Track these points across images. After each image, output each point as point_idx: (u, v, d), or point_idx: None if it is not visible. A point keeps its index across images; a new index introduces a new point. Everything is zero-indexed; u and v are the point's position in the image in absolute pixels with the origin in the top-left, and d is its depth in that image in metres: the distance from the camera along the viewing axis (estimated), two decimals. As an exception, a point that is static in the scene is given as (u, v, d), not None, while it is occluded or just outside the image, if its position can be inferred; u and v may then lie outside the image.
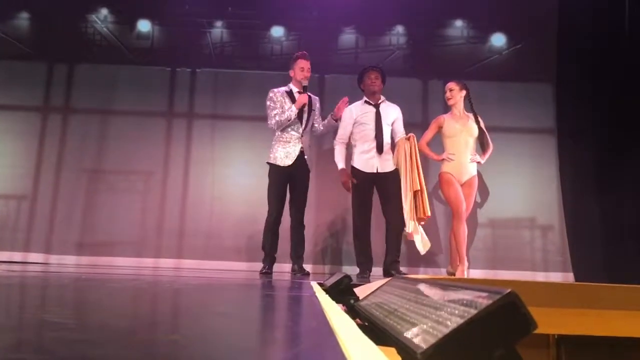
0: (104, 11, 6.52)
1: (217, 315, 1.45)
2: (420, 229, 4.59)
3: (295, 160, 4.65)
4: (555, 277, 5.81)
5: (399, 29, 6.54)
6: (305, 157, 4.74)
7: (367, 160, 4.70)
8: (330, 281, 2.48)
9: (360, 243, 4.67)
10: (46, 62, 6.41)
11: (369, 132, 4.73)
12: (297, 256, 4.67)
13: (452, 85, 4.91)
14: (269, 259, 4.61)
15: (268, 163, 4.72)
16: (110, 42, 6.51)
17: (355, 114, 4.80)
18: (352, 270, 5.24)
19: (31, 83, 6.33)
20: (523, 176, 6.14)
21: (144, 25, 6.52)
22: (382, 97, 4.86)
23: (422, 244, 4.58)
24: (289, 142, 4.68)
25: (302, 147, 4.69)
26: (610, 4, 5.84)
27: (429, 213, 4.51)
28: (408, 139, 4.62)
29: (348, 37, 6.57)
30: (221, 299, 2.11)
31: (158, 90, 6.39)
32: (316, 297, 1.91)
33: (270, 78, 6.22)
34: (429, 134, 4.98)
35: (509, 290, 0.78)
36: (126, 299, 1.90)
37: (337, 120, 4.83)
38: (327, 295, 1.98)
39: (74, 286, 2.47)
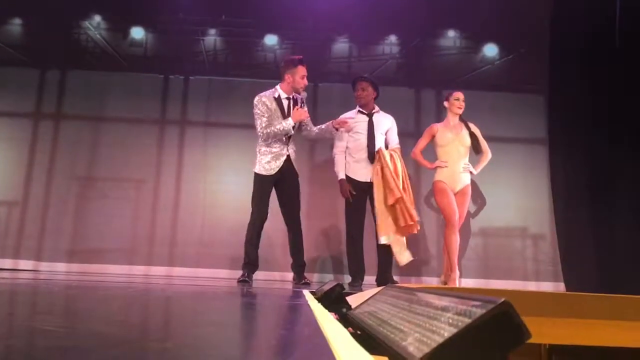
0: (97, 18, 6.49)
1: (210, 324, 1.44)
2: (403, 240, 4.59)
3: (281, 166, 4.46)
4: (547, 286, 5.82)
5: (392, 38, 6.57)
6: (293, 161, 4.52)
7: (361, 170, 4.71)
8: (323, 290, 2.47)
9: (353, 251, 4.67)
10: (38, 68, 6.37)
11: (362, 141, 4.74)
12: (298, 265, 4.51)
13: (462, 95, 4.95)
14: (251, 267, 4.41)
15: (255, 172, 4.51)
16: (103, 49, 6.49)
17: (349, 123, 4.81)
18: (345, 279, 5.24)
19: (23, 89, 6.30)
20: (514, 186, 6.16)
21: (137, 33, 6.50)
22: (376, 107, 4.88)
23: (403, 255, 4.56)
24: (274, 149, 4.46)
25: (288, 153, 4.49)
26: (602, 15, 5.90)
27: (416, 218, 4.50)
28: (378, 152, 4.65)
29: (341, 46, 6.59)
30: (213, 307, 2.11)
31: (151, 98, 6.37)
32: (309, 305, 1.91)
33: (263, 86, 6.20)
34: (422, 142, 5.00)
35: (502, 300, 0.78)
36: (118, 306, 1.89)
37: (337, 129, 4.63)
38: (319, 304, 1.98)
39: (64, 294, 2.45)
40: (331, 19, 6.36)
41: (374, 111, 4.84)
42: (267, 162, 4.45)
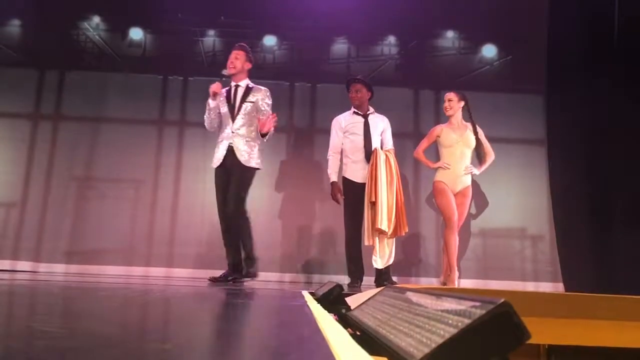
0: (96, 19, 6.49)
1: (209, 324, 1.44)
2: (377, 243, 4.52)
3: (224, 159, 4.25)
4: (546, 287, 5.82)
5: (391, 39, 6.57)
6: (238, 153, 4.23)
7: (358, 171, 4.71)
8: (322, 290, 2.47)
9: (351, 252, 4.67)
10: (37, 69, 6.37)
11: (358, 142, 4.75)
12: (246, 257, 4.23)
13: (451, 95, 4.89)
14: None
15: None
16: (102, 49, 6.49)
17: (345, 124, 4.82)
18: (343, 279, 5.23)
19: (22, 90, 6.29)
20: (513, 186, 6.17)
21: (136, 33, 6.50)
22: (371, 108, 4.88)
23: (378, 258, 4.51)
24: (220, 141, 4.36)
25: (230, 145, 4.24)
26: (600, 15, 5.90)
27: (378, 225, 4.37)
28: (373, 152, 4.63)
29: (340, 46, 6.59)
30: (212, 307, 2.10)
31: (149, 98, 6.37)
32: (308, 306, 1.91)
33: (261, 86, 6.20)
34: (425, 143, 4.97)
35: (502, 300, 0.78)
36: (116, 307, 1.89)
37: (264, 136, 4.22)
38: (318, 305, 1.97)
39: (63, 295, 2.45)
40: (330, 19, 6.36)
41: (369, 112, 4.85)
42: (215, 152, 4.38)
